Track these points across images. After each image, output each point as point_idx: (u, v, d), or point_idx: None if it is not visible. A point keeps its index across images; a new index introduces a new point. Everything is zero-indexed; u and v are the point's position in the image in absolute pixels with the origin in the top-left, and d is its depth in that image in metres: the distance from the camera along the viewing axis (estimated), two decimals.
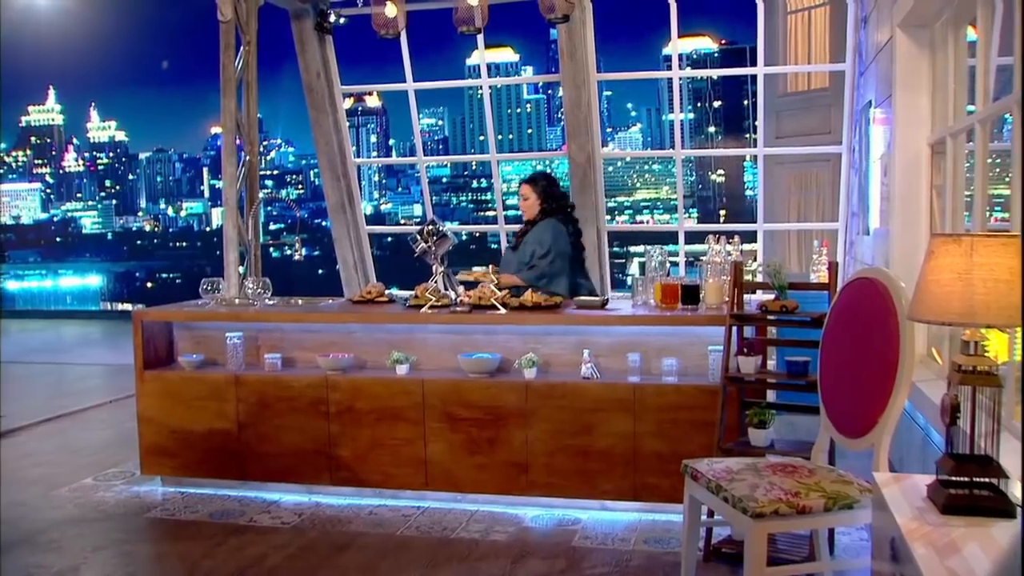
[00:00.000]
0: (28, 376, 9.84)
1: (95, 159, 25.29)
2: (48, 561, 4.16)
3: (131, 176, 25.33)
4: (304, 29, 8.86)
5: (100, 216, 26.81)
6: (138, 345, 5.17)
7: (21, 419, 7.08)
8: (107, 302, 16.40)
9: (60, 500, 5.09)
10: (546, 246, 5.67)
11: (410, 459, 4.78)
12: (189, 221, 25.06)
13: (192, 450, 5.10)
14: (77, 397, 8.24)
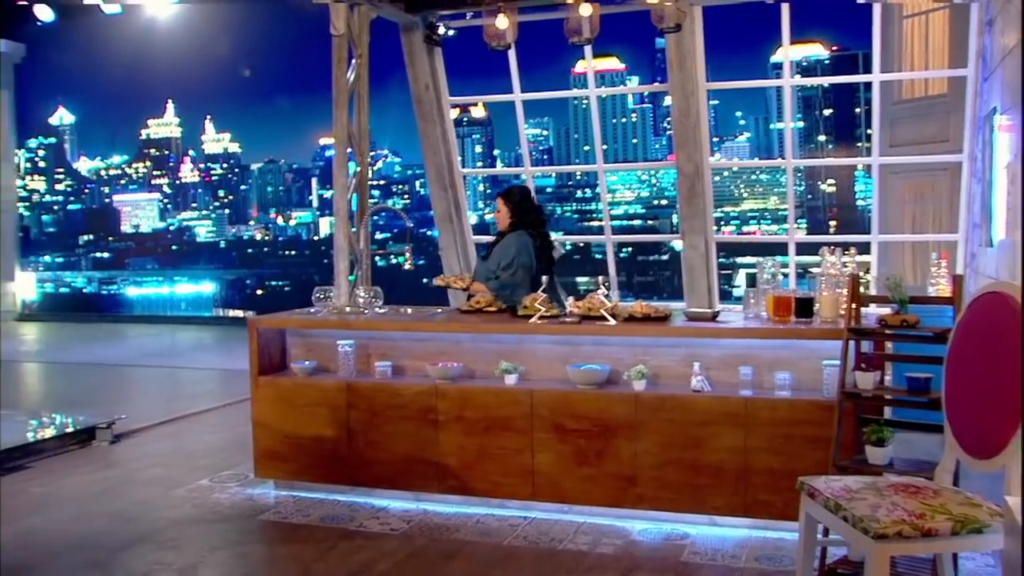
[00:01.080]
0: (145, 379, 10.26)
1: (209, 170, 26.35)
2: (169, 559, 4.32)
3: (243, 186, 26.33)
4: (413, 41, 9.02)
5: (214, 225, 27.91)
6: (253, 351, 5.33)
7: (139, 421, 7.35)
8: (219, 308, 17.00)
9: (178, 500, 5.28)
10: (509, 258, 5.92)
11: (517, 469, 4.80)
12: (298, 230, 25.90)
13: (304, 455, 5.23)
14: (191, 400, 8.53)
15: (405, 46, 9.06)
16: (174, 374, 10.54)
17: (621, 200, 35.92)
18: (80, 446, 6.60)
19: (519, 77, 9.38)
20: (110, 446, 6.64)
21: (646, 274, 54.24)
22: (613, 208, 9.83)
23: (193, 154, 19.07)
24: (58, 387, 10.14)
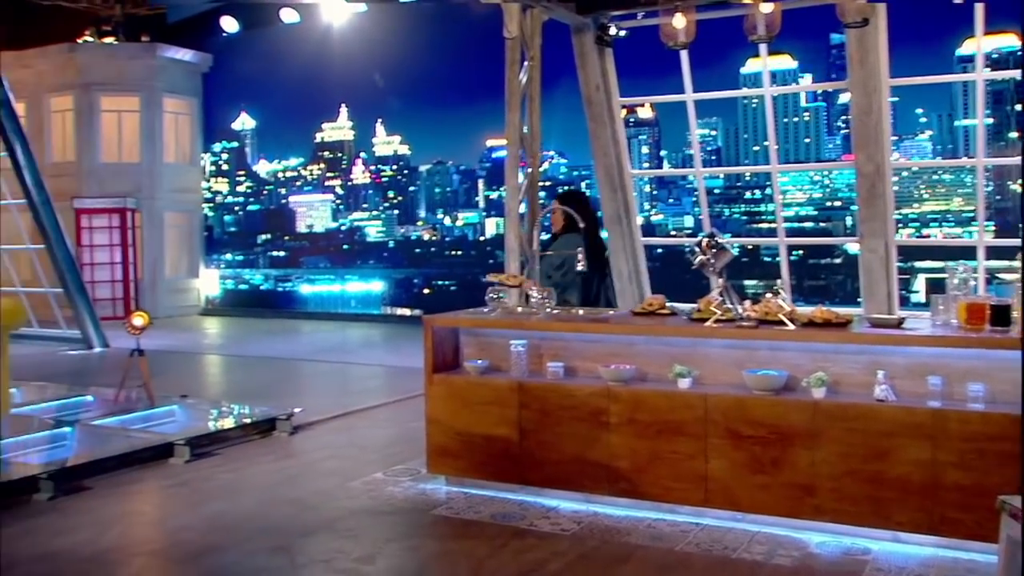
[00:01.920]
0: (319, 374, 10.71)
1: (380, 172, 27.28)
2: (347, 548, 4.51)
3: (412, 187, 27.05)
4: (585, 43, 9.06)
5: (383, 225, 28.82)
6: (428, 349, 5.49)
7: (315, 414, 7.68)
8: (388, 306, 17.53)
9: (355, 492, 5.49)
10: (561, 259, 6.27)
11: (690, 474, 4.76)
12: (464, 231, 26.39)
13: (475, 452, 5.34)
14: (362, 396, 8.85)
15: (576, 47, 9.12)
16: (345, 370, 10.97)
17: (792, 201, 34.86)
18: (261, 436, 6.97)
19: (690, 76, 9.28)
20: (289, 437, 6.98)
21: (817, 278, 52.46)
22: (784, 210, 9.58)
23: (364, 156, 19.80)
24: (237, 379, 10.72)
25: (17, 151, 12.55)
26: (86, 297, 13.24)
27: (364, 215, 20.20)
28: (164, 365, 9.65)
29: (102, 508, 5.26)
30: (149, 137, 18.52)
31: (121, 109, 18.68)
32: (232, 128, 17.81)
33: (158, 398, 7.76)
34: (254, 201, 17.90)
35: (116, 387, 8.06)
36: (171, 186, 18.90)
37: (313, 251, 17.89)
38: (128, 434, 6.81)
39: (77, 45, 18.29)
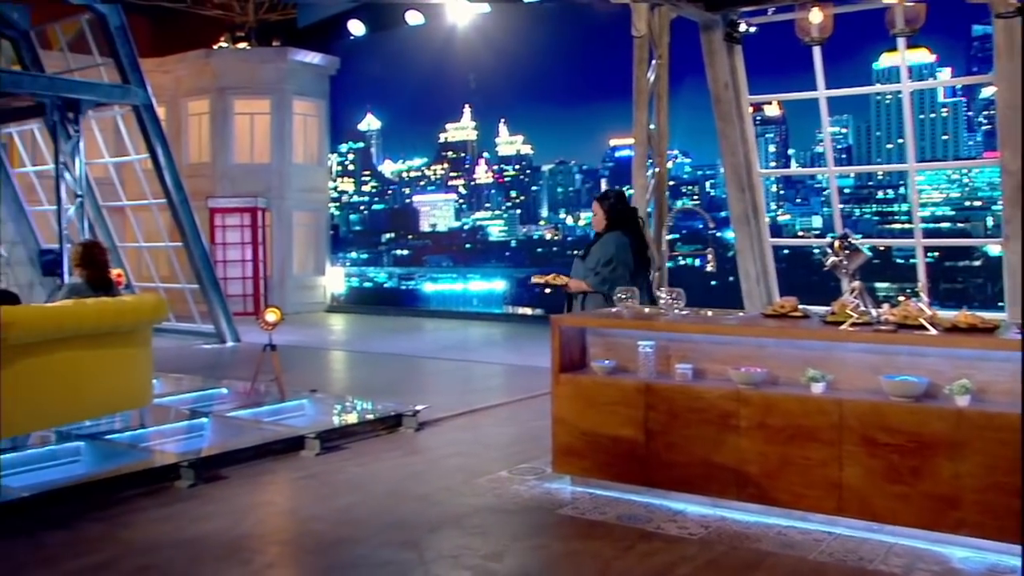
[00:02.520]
0: (441, 372, 10.87)
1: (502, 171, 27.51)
2: (474, 544, 4.57)
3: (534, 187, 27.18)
4: (713, 40, 8.95)
5: (506, 224, 29.07)
6: (555, 349, 5.51)
7: (441, 411, 7.79)
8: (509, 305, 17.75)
9: (480, 489, 5.56)
10: (608, 255, 6.42)
11: (822, 481, 4.64)
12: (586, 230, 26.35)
13: (600, 452, 5.34)
14: (485, 394, 8.95)
15: (704, 45, 9.01)
16: (467, 368, 11.11)
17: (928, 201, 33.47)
18: (388, 431, 7.12)
19: (823, 73, 9.04)
20: (415, 433, 7.11)
21: (954, 281, 50.47)
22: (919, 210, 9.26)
23: (487, 156, 20.03)
24: (362, 375, 10.98)
25: (158, 153, 13.15)
26: (220, 293, 13.79)
27: (486, 214, 20.48)
28: (292, 360, 9.95)
29: (238, 497, 5.47)
30: (279, 138, 19.15)
31: (253, 112, 19.39)
32: (358, 129, 18.39)
33: (288, 392, 8.01)
34: (379, 200, 18.40)
35: (249, 380, 8.37)
36: (299, 186, 19.51)
37: (436, 250, 18.28)
38: (260, 426, 7.07)
39: (213, 51, 19.06)
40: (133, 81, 12.89)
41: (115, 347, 6.28)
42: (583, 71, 15.08)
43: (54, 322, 5.76)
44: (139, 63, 13.04)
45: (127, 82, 12.87)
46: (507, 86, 16.88)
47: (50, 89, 12.19)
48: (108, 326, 6.15)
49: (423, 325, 17.08)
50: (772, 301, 9.12)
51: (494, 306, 18.68)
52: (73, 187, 12.82)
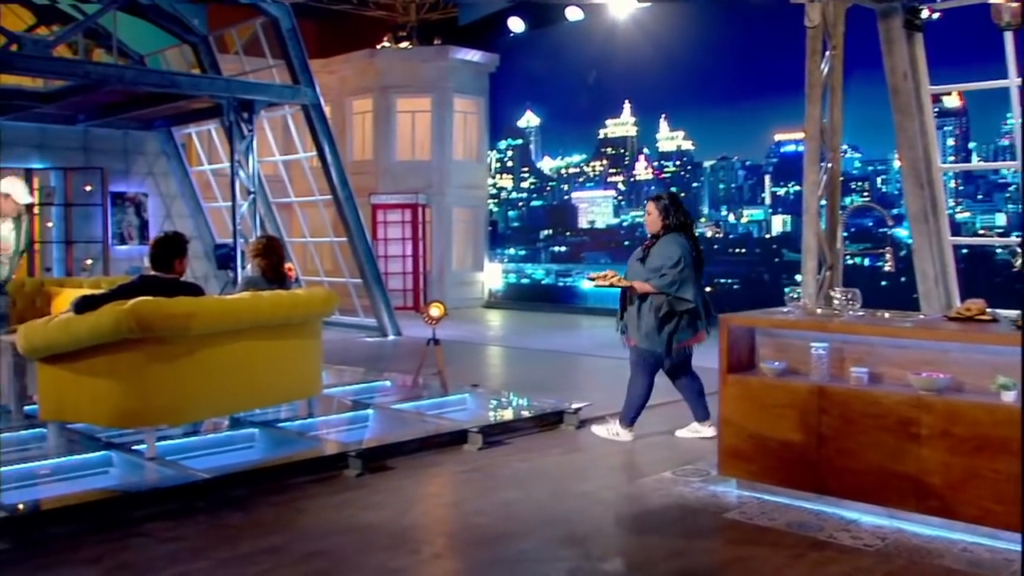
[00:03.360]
0: (599, 369, 10.85)
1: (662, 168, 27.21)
2: (640, 545, 4.55)
3: (695, 183, 26.84)
4: (892, 28, 8.59)
5: None
6: (723, 349, 5.42)
7: (600, 409, 7.76)
8: None
9: (644, 489, 5.53)
10: (675, 257, 6.55)
11: (1014, 496, 4.38)
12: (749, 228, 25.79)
13: (769, 456, 5.22)
14: None
15: (882, 33, 8.65)
16: (625, 366, 11.02)
17: None
18: (549, 428, 7.16)
19: (1015, 60, 8.54)
20: (576, 431, 7.13)
21: None
22: None
23: (647, 152, 19.86)
24: (520, 371, 11.08)
25: (325, 151, 13.65)
26: (382, 288, 14.20)
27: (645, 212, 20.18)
28: (451, 355, 10.13)
29: (404, 488, 5.62)
30: (440, 136, 19.57)
31: (414, 110, 19.88)
32: (517, 126, 18.46)
33: (450, 386, 8.18)
34: (537, 197, 18.41)
35: (410, 373, 8.58)
36: (459, 182, 19.89)
37: (594, 246, 18.14)
38: (423, 419, 7.23)
39: (376, 51, 19.65)
40: (303, 81, 13.42)
41: (288, 338, 6.56)
42: (747, 64, 14.73)
43: (233, 314, 6.07)
44: (308, 64, 13.57)
45: (297, 82, 13.42)
46: (668, 81, 16.66)
47: (227, 91, 12.82)
48: (282, 318, 6.43)
49: (580, 322, 17.12)
50: (952, 303, 8.69)
51: None
52: (246, 184, 13.46)
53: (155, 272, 6.12)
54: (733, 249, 17.78)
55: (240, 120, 13.14)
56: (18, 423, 6.82)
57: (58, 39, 11.81)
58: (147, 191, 16.54)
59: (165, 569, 4.26)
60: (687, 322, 6.66)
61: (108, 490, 5.50)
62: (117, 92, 13.14)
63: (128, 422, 5.86)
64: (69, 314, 5.79)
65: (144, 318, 5.45)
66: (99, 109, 14.69)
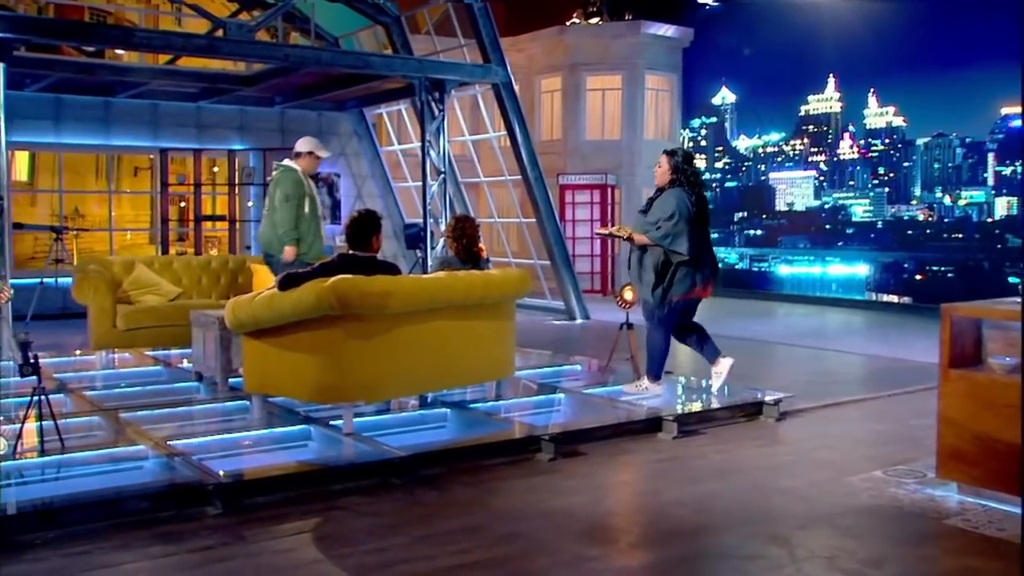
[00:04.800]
0: (796, 359, 10.54)
1: (870, 146, 25.53)
2: (850, 547, 4.38)
3: (906, 163, 25.09)
4: None
5: (871, 204, 26.92)
6: (945, 341, 5.14)
7: (802, 401, 7.54)
8: (872, 292, 16.56)
9: (852, 488, 5.32)
10: (671, 209, 6.91)
11: None
12: (967, 211, 23.82)
13: (997, 461, 4.92)
14: (848, 386, 8.59)
15: None
16: (825, 356, 10.69)
17: None
18: (747, 419, 7.02)
19: None
20: (776, 423, 6.95)
21: None
22: None
23: (853, 130, 18.77)
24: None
25: (516, 130, 13.82)
26: (571, 270, 14.27)
27: (849, 193, 19.13)
28: (642, 340, 10.06)
29: (598, 474, 5.64)
30: (630, 114, 19.46)
31: (604, 88, 19.84)
32: (711, 103, 18.00)
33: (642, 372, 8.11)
34: (731, 178, 17.89)
35: (599, 358, 8.59)
36: (650, 162, 19.60)
37: (792, 230, 17.45)
38: (615, 405, 7.22)
39: (566, 27, 19.73)
40: (494, 60, 13.62)
41: (482, 319, 6.69)
42: (967, 33, 13.86)
43: (428, 293, 6.24)
44: (500, 42, 13.76)
45: (488, 61, 13.64)
46: (878, 51, 15.96)
47: (418, 71, 13.17)
48: (476, 298, 6.56)
49: (775, 309, 16.68)
50: None
51: (855, 291, 17.78)
52: (436, 164, 13.80)
53: (353, 251, 6.36)
54: (948, 234, 16.91)
55: (431, 100, 13.47)
56: (223, 395, 7.26)
57: (260, 23, 12.44)
58: (339, 171, 17.23)
59: (364, 543, 4.43)
60: (682, 275, 7.06)
61: (308, 463, 5.78)
62: (313, 74, 13.73)
63: (327, 397, 6.13)
64: (273, 290, 6.10)
65: (344, 295, 5.67)
66: (295, 91, 15.40)
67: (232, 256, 11.79)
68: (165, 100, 15.25)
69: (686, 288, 7.12)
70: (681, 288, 7.10)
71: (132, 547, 4.32)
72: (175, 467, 5.35)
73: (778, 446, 6.34)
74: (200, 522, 4.67)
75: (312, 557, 4.28)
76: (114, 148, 15.89)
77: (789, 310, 16.46)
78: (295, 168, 8.18)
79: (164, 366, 8.77)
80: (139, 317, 9.28)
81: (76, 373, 8.45)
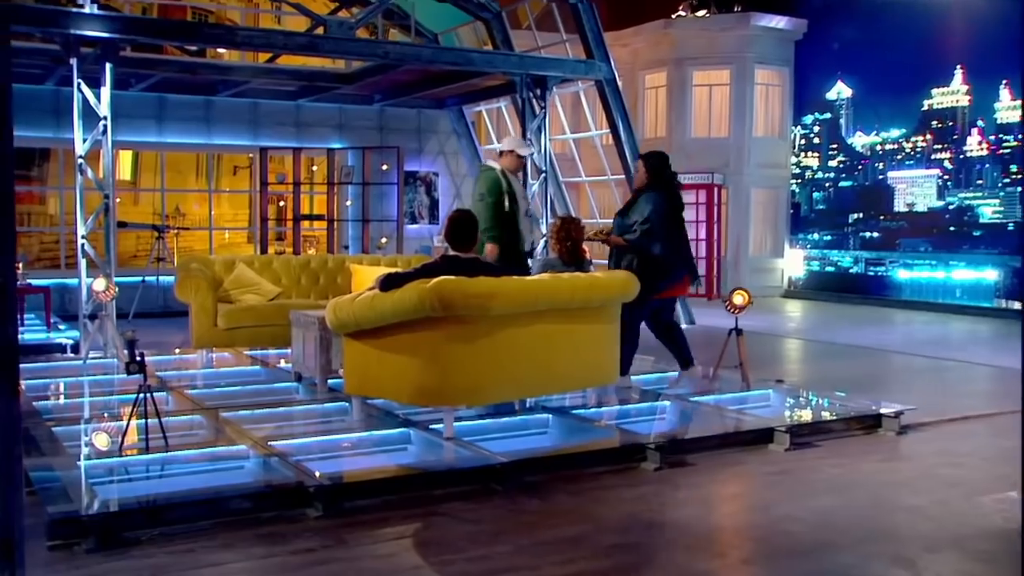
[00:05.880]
0: (916, 370, 10.25)
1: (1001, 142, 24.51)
2: (981, 572, 4.24)
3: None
4: None
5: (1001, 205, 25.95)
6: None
7: (925, 414, 7.31)
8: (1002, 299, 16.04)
9: (984, 509, 5.14)
10: (646, 213, 7.50)
11: None
12: None
13: None
14: (976, 400, 8.33)
15: None
16: (948, 367, 10.36)
17: None
18: (865, 432, 6.83)
19: None
20: (896, 436, 6.76)
21: None
22: None
23: (982, 125, 18.10)
24: (825, 367, 10.65)
25: (619, 128, 13.76)
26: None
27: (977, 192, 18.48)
28: (750, 346, 9.91)
29: (706, 485, 5.57)
30: (739, 111, 19.19)
31: (711, 83, 19.60)
32: (825, 98, 17.62)
33: (752, 380, 7.99)
34: (846, 177, 17.49)
35: (706, 364, 8.47)
36: (759, 161, 19.42)
37: (912, 232, 16.98)
38: (723, 414, 7.13)
39: (671, 20, 19.55)
40: (597, 56, 13.58)
41: (585, 323, 6.67)
42: None
43: (531, 295, 6.24)
44: (603, 37, 13.70)
45: (591, 57, 13.59)
46: (1011, 40, 15.37)
47: (520, 67, 13.20)
48: (580, 301, 6.55)
49: (893, 316, 16.26)
50: None
51: (982, 298, 17.21)
52: (538, 163, 13.81)
53: (455, 252, 6.40)
54: None
55: (532, 97, 13.49)
56: (322, 396, 7.40)
57: (360, 21, 12.63)
58: (437, 170, 17.41)
59: (466, 550, 4.45)
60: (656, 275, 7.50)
61: (408, 467, 5.86)
62: (413, 71, 13.89)
63: (427, 400, 6.19)
64: (374, 291, 6.19)
65: (446, 297, 5.71)
66: (395, 89, 15.61)
67: (331, 256, 12.01)
68: (265, 99, 15.63)
69: (663, 287, 7.77)
70: (658, 287, 7.68)
71: (235, 547, 4.42)
72: (276, 468, 5.46)
73: (900, 461, 6.16)
74: (301, 524, 4.76)
75: (413, 563, 4.32)
76: (215, 147, 16.36)
77: (909, 317, 16.02)
78: (492, 167, 8.29)
79: (263, 366, 8.98)
80: (239, 316, 9.52)
81: (177, 372, 8.71)
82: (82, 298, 10.13)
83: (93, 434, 6.22)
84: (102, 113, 10.17)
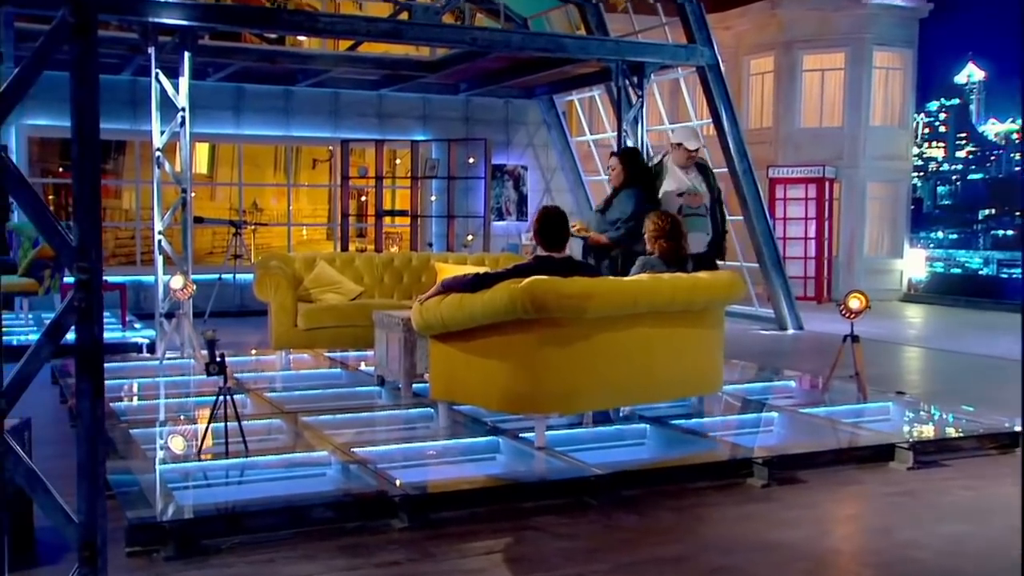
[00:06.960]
0: None
1: None
2: None
3: None
4: None
5: None
6: None
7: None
8: None
9: None
10: (629, 211, 7.82)
11: None
12: None
13: None
14: None
15: None
16: None
17: None
18: (1000, 451, 6.62)
19: None
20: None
21: None
22: None
23: None
24: (951, 378, 10.39)
25: (723, 117, 13.62)
26: (783, 274, 13.93)
27: None
28: (867, 354, 9.72)
29: (820, 505, 5.47)
30: (854, 97, 18.83)
31: (824, 68, 19.28)
32: (954, 82, 17.01)
33: (869, 392, 7.83)
34: (976, 169, 16.89)
35: (816, 373, 8.34)
36: (876, 152, 19.02)
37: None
38: (837, 427, 7.00)
39: (779, 1, 19.24)
40: (699, 40, 13.46)
41: (687, 327, 6.62)
42: None
43: (629, 297, 6.21)
44: (706, 20, 13.57)
45: (693, 41, 13.48)
46: None
47: (616, 53, 13.15)
48: (682, 304, 6.49)
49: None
50: None
51: None
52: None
53: (547, 251, 6.39)
54: None
55: (629, 85, 13.43)
56: (406, 401, 7.47)
57: (447, 6, 12.75)
58: (526, 164, 17.45)
59: (560, 568, 4.45)
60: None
61: (497, 477, 5.88)
62: (501, 59, 13.96)
63: (518, 407, 6.21)
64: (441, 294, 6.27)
65: (539, 298, 5.72)
66: (481, 77, 15.70)
67: (415, 254, 12.12)
68: (346, 88, 15.85)
69: None
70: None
71: (317, 558, 4.49)
72: (358, 476, 5.53)
73: None
74: (386, 535, 4.81)
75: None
76: (294, 139, 16.66)
77: None
78: (662, 162, 8.49)
79: (343, 368, 9.11)
80: (321, 316, 9.66)
81: (255, 373, 8.89)
82: (159, 296, 10.41)
83: (171, 437, 6.39)
84: (180, 104, 10.44)
